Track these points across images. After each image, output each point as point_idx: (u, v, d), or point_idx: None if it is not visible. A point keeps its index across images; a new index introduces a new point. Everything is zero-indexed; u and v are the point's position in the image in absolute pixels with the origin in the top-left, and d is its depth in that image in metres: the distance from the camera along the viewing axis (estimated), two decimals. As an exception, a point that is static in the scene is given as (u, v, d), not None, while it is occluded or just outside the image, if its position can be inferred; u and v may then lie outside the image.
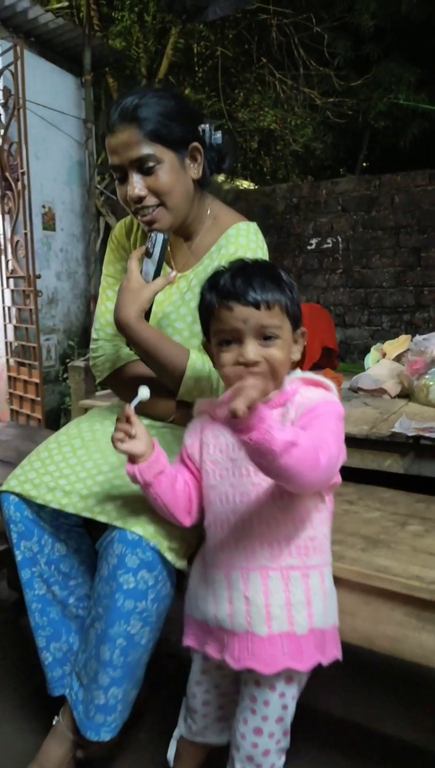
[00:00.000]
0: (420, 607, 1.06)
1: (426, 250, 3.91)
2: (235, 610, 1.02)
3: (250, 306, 0.98)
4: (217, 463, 1.08)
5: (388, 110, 5.56)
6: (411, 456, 2.14)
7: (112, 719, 1.23)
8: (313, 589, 1.02)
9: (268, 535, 1.01)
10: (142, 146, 1.26)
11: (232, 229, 1.40)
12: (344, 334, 4.28)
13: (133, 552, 1.17)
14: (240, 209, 4.46)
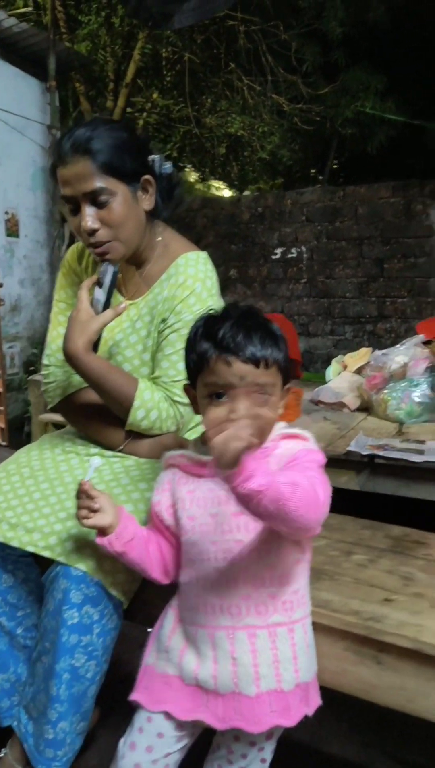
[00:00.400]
0: (358, 642, 1.08)
1: (389, 261, 3.97)
2: (221, 670, 0.97)
3: (249, 363, 0.93)
4: (195, 519, 1.02)
5: (356, 117, 5.62)
6: (366, 473, 2.18)
7: (63, 753, 1.23)
8: (299, 644, 0.99)
9: (254, 593, 0.97)
10: (95, 179, 1.26)
11: (181, 259, 1.41)
12: (308, 343, 4.31)
13: (77, 587, 1.17)
14: (206, 216, 4.48)
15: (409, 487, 2.12)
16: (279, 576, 0.97)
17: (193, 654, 1.00)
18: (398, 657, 1.05)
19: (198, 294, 1.37)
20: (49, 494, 1.32)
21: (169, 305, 1.38)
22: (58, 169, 1.30)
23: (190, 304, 1.36)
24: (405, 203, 3.87)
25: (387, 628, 1.05)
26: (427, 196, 3.79)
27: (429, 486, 2.09)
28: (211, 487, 0.99)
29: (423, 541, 1.42)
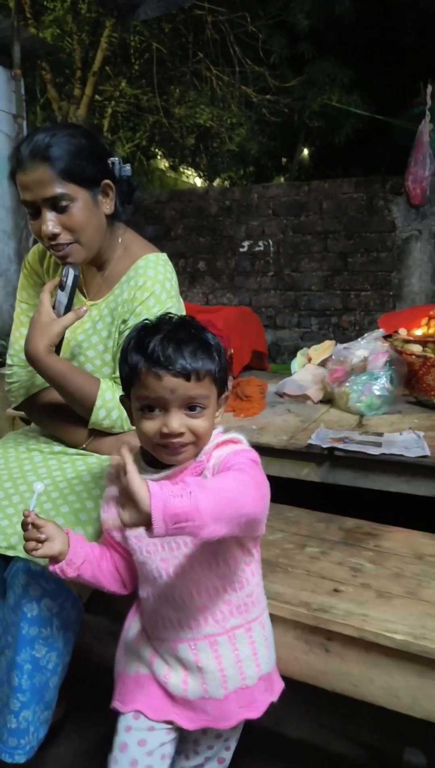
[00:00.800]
0: (307, 632, 1.14)
1: (352, 255, 4.04)
2: (190, 680, 1.01)
3: (180, 377, 0.92)
4: (141, 539, 1.01)
5: (323, 110, 5.67)
6: (326, 465, 2.24)
7: (26, 742, 1.27)
8: (257, 640, 1.03)
9: (210, 604, 0.99)
10: (55, 185, 1.28)
11: (141, 260, 1.45)
12: (275, 335, 4.37)
13: (36, 582, 1.21)
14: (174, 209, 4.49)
15: (366, 478, 2.20)
16: (231, 583, 1.00)
17: (161, 662, 1.03)
18: (344, 645, 1.12)
19: (157, 296, 1.41)
20: (12, 493, 1.36)
21: (129, 307, 1.42)
22: (17, 175, 1.32)
23: (150, 306, 1.40)
24: (367, 198, 3.94)
25: (334, 618, 1.12)
26: (388, 191, 3.87)
27: (385, 477, 2.16)
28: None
29: (373, 533, 1.49)
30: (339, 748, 1.59)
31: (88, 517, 1.29)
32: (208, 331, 1.01)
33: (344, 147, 6.38)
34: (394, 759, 1.54)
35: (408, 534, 1.48)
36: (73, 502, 1.31)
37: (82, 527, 1.27)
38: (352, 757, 1.57)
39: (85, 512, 1.30)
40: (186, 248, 4.61)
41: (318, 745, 1.60)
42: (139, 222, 4.72)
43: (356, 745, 1.60)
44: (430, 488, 2.11)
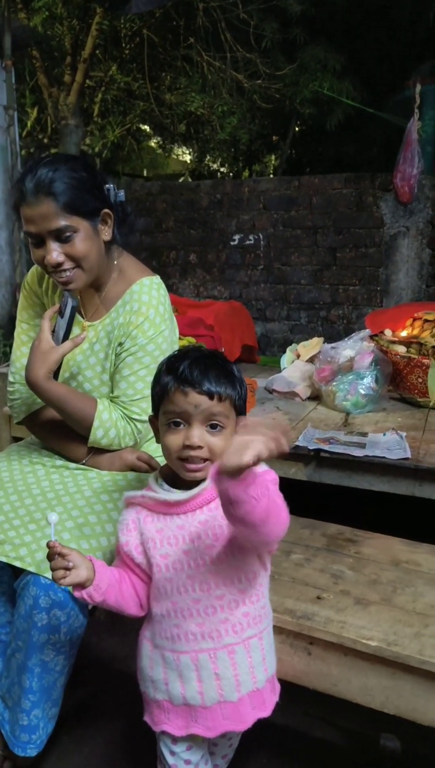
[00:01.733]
0: (292, 636, 1.25)
1: (341, 250, 4.11)
2: (206, 687, 1.09)
3: (204, 395, 1.05)
4: (168, 557, 1.09)
5: (314, 96, 5.67)
6: (313, 466, 2.35)
7: (37, 737, 1.39)
8: (266, 648, 1.14)
9: (231, 617, 1.08)
10: (60, 219, 1.37)
11: (136, 285, 1.53)
12: (265, 327, 4.46)
13: (45, 594, 1.31)
14: (165, 202, 4.51)
15: (351, 478, 2.31)
16: (250, 596, 1.10)
17: (175, 679, 1.11)
18: (325, 649, 1.24)
19: (151, 320, 1.50)
20: (18, 506, 1.45)
21: (124, 330, 1.50)
22: (21, 208, 1.40)
23: (145, 330, 1.49)
24: (357, 195, 3.99)
25: (316, 625, 1.23)
26: (377, 188, 3.92)
27: (369, 477, 2.28)
28: (181, 524, 1.09)
29: (354, 539, 1.61)
30: (320, 734, 1.72)
31: (91, 531, 1.39)
32: (232, 364, 1.14)
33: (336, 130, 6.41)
34: (372, 743, 1.67)
35: (386, 540, 1.59)
36: (77, 517, 1.41)
37: (86, 541, 1.37)
38: (332, 742, 1.70)
39: (88, 526, 1.40)
40: (177, 241, 4.65)
41: (302, 731, 1.73)
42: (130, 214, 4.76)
43: (337, 731, 1.74)
44: (409, 488, 2.22)
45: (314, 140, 8.00)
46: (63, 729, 1.70)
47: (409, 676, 1.16)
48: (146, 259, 4.81)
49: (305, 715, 1.78)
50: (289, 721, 1.76)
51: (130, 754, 1.63)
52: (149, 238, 4.73)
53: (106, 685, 1.87)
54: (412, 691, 1.16)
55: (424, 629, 1.21)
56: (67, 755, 1.63)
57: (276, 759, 1.62)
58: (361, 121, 6.23)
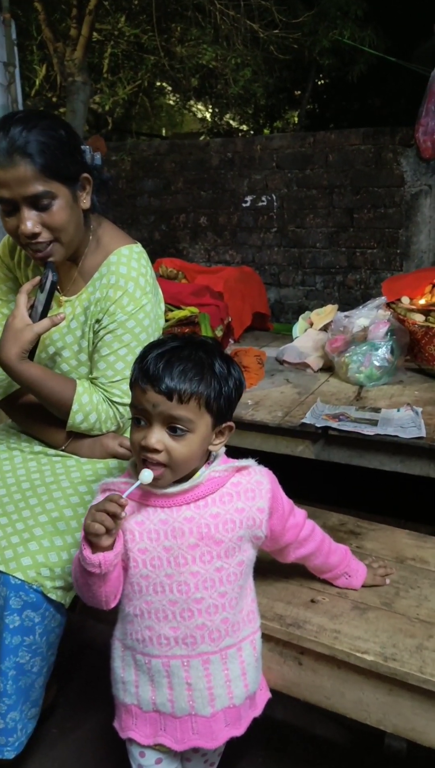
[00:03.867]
0: (281, 645, 1.15)
1: (359, 211, 3.88)
2: (177, 695, 1.01)
3: (162, 394, 0.93)
4: (146, 552, 1.00)
5: (334, 46, 5.36)
6: (321, 443, 2.23)
7: (14, 739, 1.31)
8: (247, 660, 1.05)
9: (209, 623, 1.00)
10: (37, 183, 1.23)
11: (113, 256, 1.39)
12: (279, 293, 4.28)
13: (16, 594, 1.22)
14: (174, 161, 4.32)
15: (361, 457, 2.19)
16: (230, 601, 1.01)
17: (146, 683, 1.03)
18: (317, 660, 1.13)
19: (131, 294, 1.36)
20: (-9, 499, 1.36)
21: (101, 306, 1.37)
22: None
23: (124, 305, 1.36)
24: (376, 151, 3.75)
25: (307, 634, 1.12)
26: (398, 143, 3.67)
27: (380, 456, 2.15)
28: (164, 519, 0.99)
29: (357, 531, 1.48)
30: (322, 731, 1.64)
31: (66, 527, 1.29)
32: (222, 358, 1.01)
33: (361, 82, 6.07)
34: (376, 742, 1.58)
35: (392, 533, 1.47)
36: (51, 510, 1.31)
37: (60, 537, 1.27)
38: (334, 740, 1.62)
39: (63, 521, 1.30)
40: (187, 203, 4.46)
41: (302, 728, 1.65)
42: (138, 175, 4.57)
43: (339, 728, 1.65)
44: (424, 468, 2.09)
45: (338, 93, 7.64)
46: (53, 722, 1.65)
47: (408, 693, 1.04)
48: (155, 222, 4.64)
49: (307, 711, 1.69)
50: (289, 717, 1.68)
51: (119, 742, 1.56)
52: (157, 200, 4.54)
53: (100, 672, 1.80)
54: (411, 709, 1.05)
55: (427, 641, 1.09)
56: (55, 747, 1.58)
57: (273, 757, 1.54)
58: (387, 71, 5.92)
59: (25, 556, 1.23)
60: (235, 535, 1.00)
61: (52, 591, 1.24)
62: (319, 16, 5.23)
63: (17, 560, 1.23)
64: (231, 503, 1.00)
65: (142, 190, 4.59)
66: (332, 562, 1.19)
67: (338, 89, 7.41)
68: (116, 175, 4.59)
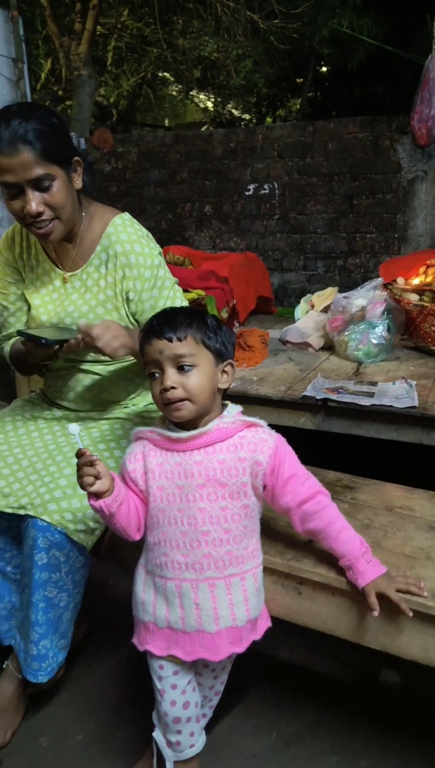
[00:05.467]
0: (282, 577, 1.31)
1: (357, 197, 4.01)
2: (187, 614, 1.18)
3: (163, 339, 1.13)
4: (163, 489, 1.18)
5: (333, 35, 5.45)
6: (321, 415, 2.38)
7: (46, 665, 1.49)
8: (249, 589, 1.22)
9: (214, 553, 1.17)
10: (39, 167, 1.38)
11: (109, 227, 1.56)
12: (282, 278, 4.42)
13: (43, 535, 1.39)
14: (179, 152, 4.44)
15: (359, 427, 2.34)
16: (234, 537, 1.19)
17: (162, 603, 1.22)
18: (314, 589, 1.29)
19: (140, 253, 1.54)
20: (21, 458, 1.53)
21: (126, 285, 1.53)
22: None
23: (142, 265, 1.53)
24: (373, 139, 3.87)
25: (305, 566, 1.28)
26: (394, 131, 3.79)
27: (377, 425, 2.30)
28: (179, 461, 1.18)
29: (351, 486, 1.64)
30: (324, 668, 1.81)
31: None
32: (212, 317, 1.20)
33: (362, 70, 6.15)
34: (373, 677, 1.75)
35: (383, 487, 1.63)
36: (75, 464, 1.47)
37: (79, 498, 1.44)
38: (335, 676, 1.79)
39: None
40: (192, 192, 4.60)
41: (305, 667, 1.82)
42: (145, 166, 4.70)
43: (339, 665, 1.82)
44: (417, 436, 2.24)
45: (339, 81, 7.72)
46: (81, 661, 1.83)
47: (394, 614, 1.20)
48: (161, 211, 4.78)
49: (309, 650, 1.86)
50: (294, 656, 1.85)
51: (138, 680, 1.74)
52: (163, 190, 4.68)
53: (122, 622, 1.97)
54: (396, 628, 1.21)
55: (409, 571, 1.25)
56: (82, 683, 1.76)
57: (279, 692, 1.71)
58: (388, 59, 5.98)
59: (51, 502, 1.40)
60: (238, 480, 1.17)
61: (74, 533, 1.41)
62: (318, 6, 5.32)
63: (44, 506, 1.40)
64: (235, 452, 1.17)
65: (148, 181, 4.73)
66: (339, 550, 1.22)
67: (339, 77, 7.48)
68: (123, 166, 4.73)
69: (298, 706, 1.67)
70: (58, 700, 1.70)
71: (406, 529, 1.42)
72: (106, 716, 1.65)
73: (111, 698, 1.71)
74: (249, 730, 1.60)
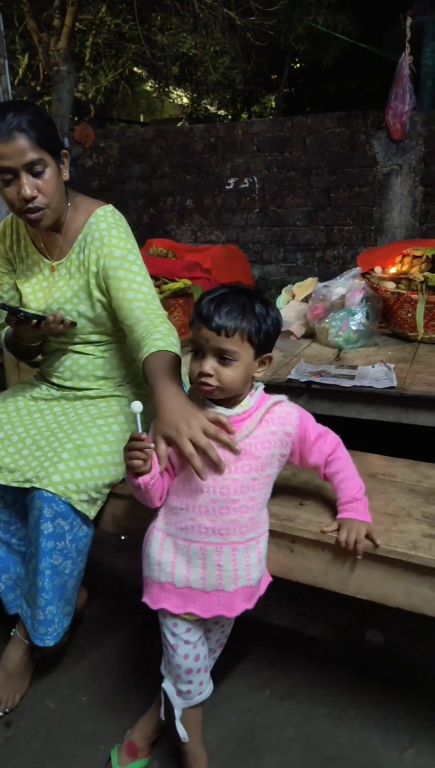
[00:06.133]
0: (276, 536, 1.41)
1: (335, 191, 4.13)
2: (208, 574, 1.26)
3: (212, 330, 1.17)
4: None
5: (309, 32, 5.56)
6: (305, 397, 2.49)
7: (53, 629, 1.57)
8: (262, 551, 1.32)
9: (240, 519, 1.25)
10: (33, 152, 1.49)
11: (92, 217, 1.66)
12: (263, 270, 4.53)
13: (48, 506, 1.47)
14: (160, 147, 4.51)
15: (341, 408, 2.45)
16: (257, 504, 1.28)
17: (183, 563, 1.29)
18: (305, 546, 1.40)
19: (116, 236, 1.62)
20: (25, 437, 1.62)
21: (99, 264, 1.61)
22: None
23: (114, 245, 1.61)
24: (349, 133, 4.00)
25: (297, 525, 1.39)
26: (370, 126, 3.92)
27: (358, 406, 2.42)
28: None
29: (337, 457, 1.75)
30: (312, 631, 1.92)
31: (88, 451, 1.55)
32: (262, 302, 1.23)
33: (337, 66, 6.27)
34: (359, 638, 1.87)
35: (366, 457, 1.74)
36: (76, 439, 1.57)
37: (84, 459, 1.53)
38: (322, 638, 1.90)
39: (85, 447, 1.55)
40: (173, 186, 4.68)
41: (295, 630, 1.94)
42: (126, 161, 4.77)
43: (327, 628, 1.93)
44: (396, 415, 2.37)
45: (314, 77, 7.84)
46: (82, 632, 1.92)
47: (379, 565, 1.32)
48: (143, 205, 4.85)
49: (298, 616, 1.98)
50: (285, 621, 1.96)
51: (139, 651, 1.84)
52: (145, 184, 4.76)
53: (120, 596, 2.07)
54: (382, 578, 1.33)
55: (392, 526, 1.36)
56: (85, 652, 1.85)
57: (272, 654, 1.82)
58: (362, 56, 6.11)
59: (55, 474, 1.49)
60: (268, 453, 1.27)
61: (78, 503, 1.50)
62: (293, 3, 5.42)
63: (48, 478, 1.48)
64: (267, 427, 1.26)
65: (130, 176, 4.80)
66: (347, 488, 1.36)
67: (314, 73, 7.60)
68: (104, 161, 4.79)
69: (290, 665, 1.78)
70: (63, 667, 1.79)
71: (389, 492, 1.53)
72: (110, 680, 1.74)
73: (113, 664, 1.80)
74: (244, 688, 1.71)
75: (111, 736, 1.56)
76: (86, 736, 1.57)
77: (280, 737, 1.55)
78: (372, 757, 1.49)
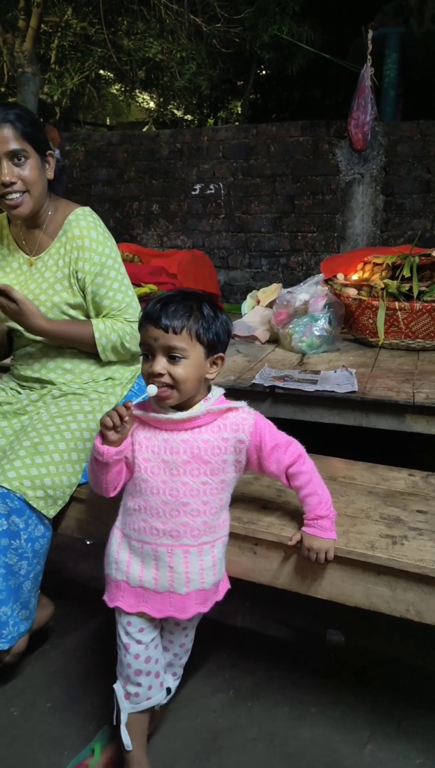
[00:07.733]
0: (240, 539, 1.44)
1: (299, 198, 4.20)
2: (160, 575, 1.28)
3: (159, 329, 1.18)
4: (148, 461, 1.27)
5: (274, 41, 5.63)
6: (269, 402, 2.53)
7: (7, 632, 1.52)
8: (217, 555, 1.33)
9: (191, 522, 1.26)
10: (17, 142, 1.57)
11: (71, 215, 1.73)
12: (228, 275, 4.57)
13: (2, 501, 1.47)
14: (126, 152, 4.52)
15: (304, 412, 2.50)
16: (210, 509, 1.29)
17: (137, 563, 1.31)
18: (268, 548, 1.43)
19: (94, 239, 1.70)
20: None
21: (76, 265, 1.69)
22: None
23: (93, 250, 1.69)
24: (313, 142, 4.07)
25: (260, 527, 1.42)
26: (333, 135, 4.00)
27: (320, 410, 2.47)
28: (166, 438, 1.27)
29: (299, 461, 1.79)
30: (275, 633, 1.96)
31: (45, 449, 1.56)
32: (210, 305, 1.24)
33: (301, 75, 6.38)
34: (319, 638, 1.91)
35: (328, 460, 1.78)
36: (34, 437, 1.59)
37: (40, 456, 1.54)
38: (285, 639, 1.94)
39: (42, 445, 1.57)
40: (139, 191, 4.69)
41: (258, 632, 1.96)
42: (92, 165, 4.77)
43: (289, 629, 1.97)
44: (357, 419, 2.42)
45: (279, 84, 7.95)
46: (44, 638, 1.91)
47: (338, 565, 1.35)
48: (109, 210, 4.85)
49: (262, 618, 2.01)
50: (248, 623, 1.99)
51: (103, 656, 1.84)
52: (111, 189, 4.76)
53: (84, 601, 2.07)
54: (342, 578, 1.36)
55: (351, 528, 1.41)
56: (48, 658, 1.84)
57: (235, 655, 1.84)
58: (325, 65, 6.22)
59: (10, 471, 1.49)
60: (220, 458, 1.27)
61: (33, 500, 1.50)
62: (259, 12, 5.50)
63: (4, 474, 1.48)
64: (219, 433, 1.27)
65: (96, 179, 4.80)
66: (311, 504, 1.35)
67: (279, 81, 7.72)
68: (70, 164, 4.78)
69: (252, 666, 1.80)
70: (25, 674, 1.78)
71: (349, 494, 1.58)
72: (74, 685, 1.74)
73: (76, 670, 1.80)
74: (208, 689, 1.73)
75: (75, 741, 1.56)
76: (50, 742, 1.57)
77: (244, 737, 1.58)
78: (333, 753, 1.53)
